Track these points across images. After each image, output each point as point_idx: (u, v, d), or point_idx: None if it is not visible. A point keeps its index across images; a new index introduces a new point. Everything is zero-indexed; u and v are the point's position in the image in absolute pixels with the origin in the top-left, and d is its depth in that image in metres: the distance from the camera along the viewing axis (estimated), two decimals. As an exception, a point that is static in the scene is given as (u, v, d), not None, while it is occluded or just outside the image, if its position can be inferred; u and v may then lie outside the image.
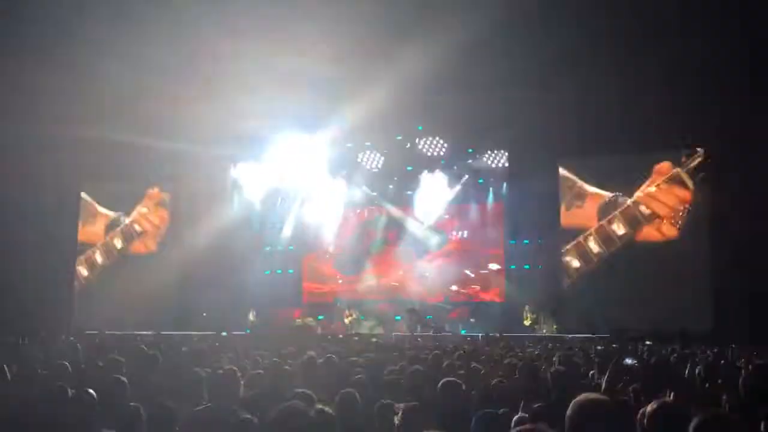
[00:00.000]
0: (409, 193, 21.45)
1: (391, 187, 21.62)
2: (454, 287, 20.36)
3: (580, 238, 18.62)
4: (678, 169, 17.91)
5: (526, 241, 19.57)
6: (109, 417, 4.06)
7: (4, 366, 5.77)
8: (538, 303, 18.49)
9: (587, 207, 18.70)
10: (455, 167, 20.85)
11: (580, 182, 18.78)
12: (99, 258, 22.77)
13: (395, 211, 21.66)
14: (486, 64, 15.95)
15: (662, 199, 18.05)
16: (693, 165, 17.81)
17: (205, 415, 4.31)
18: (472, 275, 20.40)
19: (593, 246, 18.50)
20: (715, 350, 10.18)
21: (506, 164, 20.07)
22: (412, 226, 21.29)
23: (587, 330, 16.36)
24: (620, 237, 18.29)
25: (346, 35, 15.45)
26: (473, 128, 19.00)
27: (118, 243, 22.80)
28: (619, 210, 18.32)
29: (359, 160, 21.44)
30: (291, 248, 22.25)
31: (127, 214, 22.84)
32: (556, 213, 18.91)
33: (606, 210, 18.48)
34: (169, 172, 21.55)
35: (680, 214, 17.89)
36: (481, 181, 20.85)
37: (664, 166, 18.04)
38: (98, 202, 22.97)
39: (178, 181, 21.95)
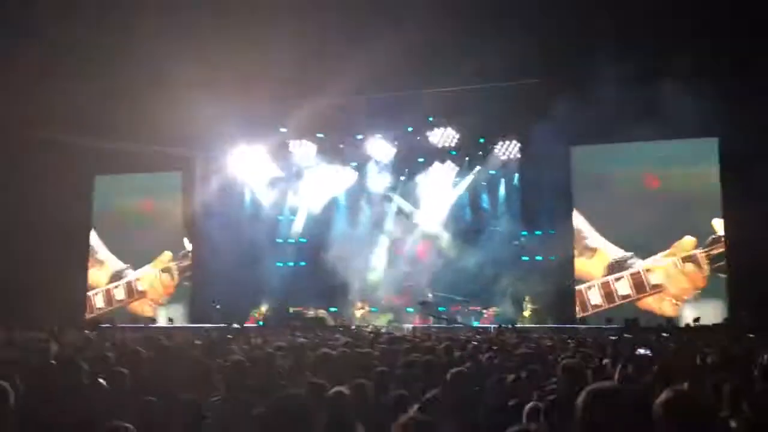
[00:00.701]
0: (420, 184, 21.44)
1: (402, 178, 21.61)
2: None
3: (583, 287, 18.61)
4: (698, 251, 17.77)
5: (538, 232, 19.48)
6: (125, 409, 4.08)
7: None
8: (548, 294, 18.40)
9: (596, 261, 18.70)
10: (467, 158, 20.81)
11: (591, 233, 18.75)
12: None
13: (405, 203, 21.66)
14: (494, 53, 15.83)
15: (674, 275, 17.94)
16: (714, 252, 17.67)
17: (220, 407, 4.34)
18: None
19: (593, 297, 18.45)
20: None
21: (518, 155, 19.98)
22: (422, 217, 21.29)
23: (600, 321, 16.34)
24: (622, 297, 18.25)
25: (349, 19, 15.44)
26: (485, 118, 18.85)
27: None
28: (629, 272, 18.27)
29: (369, 151, 21.41)
30: (303, 240, 22.31)
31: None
32: (570, 203, 18.81)
33: (616, 267, 18.48)
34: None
35: (685, 296, 17.81)
36: (492, 171, 20.80)
37: (687, 242, 17.92)
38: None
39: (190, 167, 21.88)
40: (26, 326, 13.10)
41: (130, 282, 22.23)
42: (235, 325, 15.88)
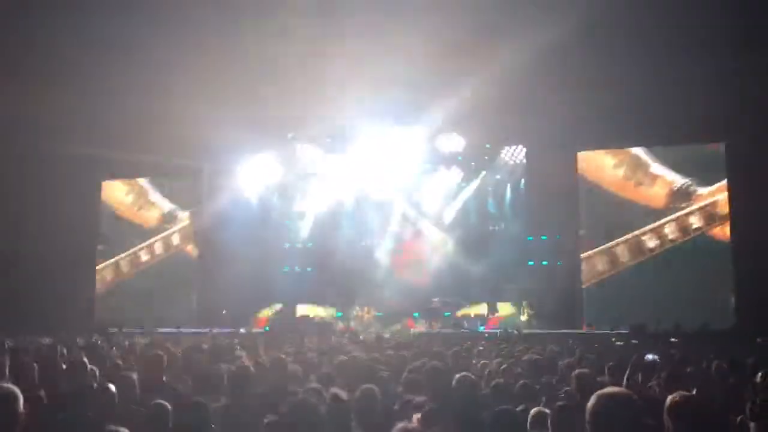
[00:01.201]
0: (426, 189, 21.47)
1: (408, 183, 21.63)
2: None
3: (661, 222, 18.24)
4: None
5: (544, 237, 19.44)
6: (133, 413, 4.09)
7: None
8: (554, 299, 18.34)
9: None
10: (473, 163, 20.82)
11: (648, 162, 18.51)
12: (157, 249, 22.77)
13: (409, 210, 21.69)
14: (503, 58, 15.85)
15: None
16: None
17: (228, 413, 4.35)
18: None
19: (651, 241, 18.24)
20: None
21: (524, 159, 19.97)
22: (428, 222, 21.32)
23: (608, 327, 16.25)
24: (694, 230, 18.06)
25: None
26: (491, 124, 18.84)
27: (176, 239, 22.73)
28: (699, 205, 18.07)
29: (376, 156, 21.40)
30: (309, 245, 22.35)
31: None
32: (575, 208, 18.78)
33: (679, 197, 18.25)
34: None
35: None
36: (498, 176, 20.80)
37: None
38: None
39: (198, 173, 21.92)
40: (35, 332, 13.13)
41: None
42: (242, 330, 15.90)
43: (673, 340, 13.07)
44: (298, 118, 19.81)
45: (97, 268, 22.61)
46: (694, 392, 4.28)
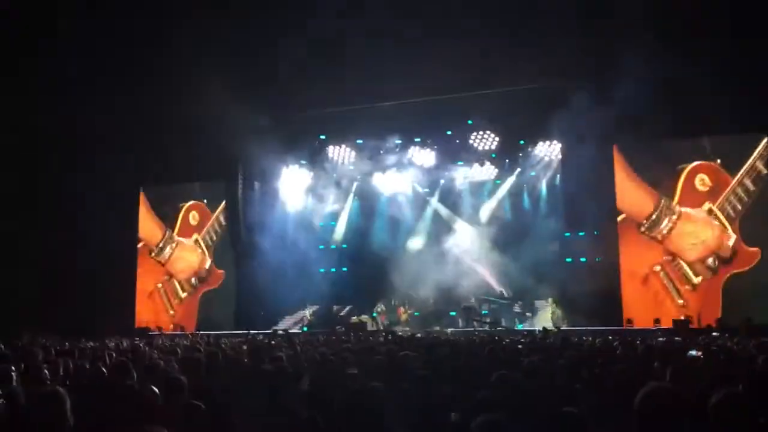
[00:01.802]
0: (461, 188, 21.40)
1: (442, 182, 21.58)
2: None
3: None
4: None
5: (581, 233, 19.18)
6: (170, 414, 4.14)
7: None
8: (593, 296, 18.06)
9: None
10: (507, 160, 20.67)
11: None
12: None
13: (443, 209, 21.64)
14: (534, 55, 15.73)
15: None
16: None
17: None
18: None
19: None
20: None
21: (559, 155, 19.72)
22: (463, 221, 21.25)
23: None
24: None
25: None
26: (524, 120, 18.65)
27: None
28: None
29: (410, 156, 21.40)
30: (344, 246, 22.47)
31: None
32: (613, 203, 18.47)
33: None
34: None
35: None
36: (533, 173, 20.61)
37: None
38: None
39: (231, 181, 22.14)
40: (83, 336, 13.45)
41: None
42: (280, 330, 16.07)
43: (714, 334, 12.81)
44: (330, 118, 19.88)
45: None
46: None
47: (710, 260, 17.42)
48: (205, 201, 22.36)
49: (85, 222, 20.17)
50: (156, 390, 4.50)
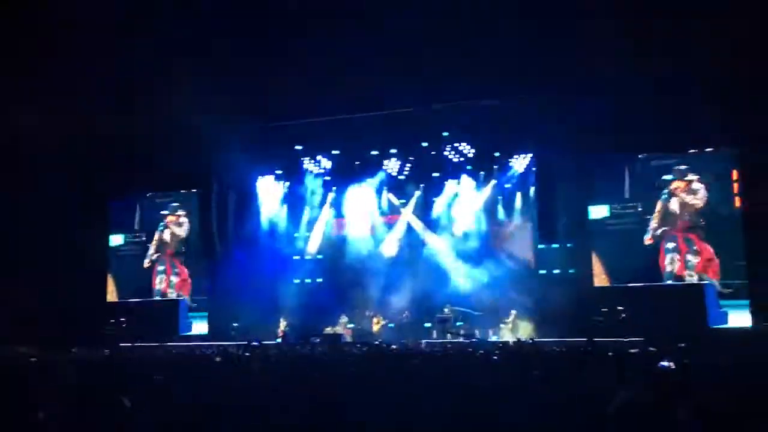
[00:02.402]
0: (435, 200, 21.48)
1: (417, 193, 21.65)
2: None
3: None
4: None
5: (555, 245, 19.35)
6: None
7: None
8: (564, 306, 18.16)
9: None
10: (482, 172, 20.80)
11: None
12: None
13: (417, 221, 21.69)
14: (512, 66, 15.90)
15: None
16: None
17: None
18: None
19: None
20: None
21: (533, 168, 19.90)
22: (437, 233, 21.34)
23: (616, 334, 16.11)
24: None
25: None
26: (499, 132, 18.82)
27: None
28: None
29: (385, 167, 21.47)
30: (319, 257, 22.41)
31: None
32: (586, 216, 18.67)
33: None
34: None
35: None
36: (508, 185, 20.76)
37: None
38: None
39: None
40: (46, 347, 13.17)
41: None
42: (254, 343, 15.90)
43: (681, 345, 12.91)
44: (306, 128, 19.84)
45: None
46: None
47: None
48: (178, 212, 22.12)
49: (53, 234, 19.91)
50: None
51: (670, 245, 17.87)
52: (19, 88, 17.33)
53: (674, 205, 17.92)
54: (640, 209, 18.27)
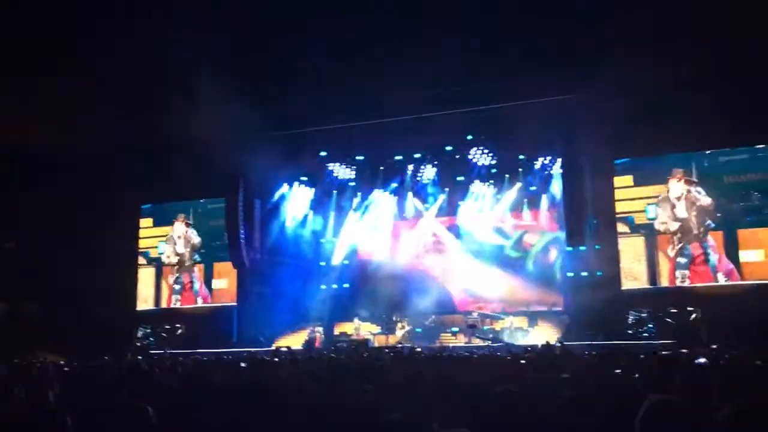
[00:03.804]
0: (460, 203, 21.41)
1: (442, 197, 21.60)
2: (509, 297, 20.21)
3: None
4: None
5: (582, 248, 19.15)
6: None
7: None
8: (593, 309, 17.93)
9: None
10: (507, 175, 20.67)
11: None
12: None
13: (441, 226, 21.60)
14: (533, 69, 15.79)
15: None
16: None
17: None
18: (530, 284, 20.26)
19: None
20: None
21: (559, 170, 19.72)
22: (462, 237, 21.26)
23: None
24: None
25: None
26: (524, 134, 18.66)
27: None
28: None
29: (410, 172, 21.47)
30: (345, 263, 22.46)
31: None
32: (613, 217, 18.44)
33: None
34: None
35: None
36: (533, 187, 20.61)
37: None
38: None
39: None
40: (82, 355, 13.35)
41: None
42: (283, 348, 15.97)
43: (714, 346, 12.68)
44: (330, 134, 19.89)
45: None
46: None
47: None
48: (186, 221, 22.38)
49: (86, 240, 20.18)
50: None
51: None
52: (50, 97, 17.61)
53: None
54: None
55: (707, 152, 17.75)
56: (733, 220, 17.27)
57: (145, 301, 22.45)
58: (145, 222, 22.98)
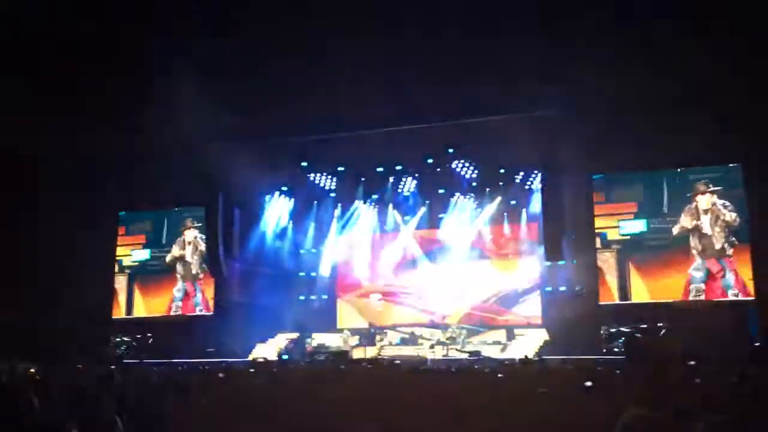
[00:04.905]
0: (441, 216, 21.45)
1: (422, 209, 21.64)
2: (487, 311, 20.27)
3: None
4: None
5: (561, 262, 19.25)
6: None
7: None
8: (571, 324, 17.99)
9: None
10: (488, 188, 20.77)
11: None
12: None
13: (414, 244, 21.61)
14: (516, 83, 15.91)
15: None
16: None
17: None
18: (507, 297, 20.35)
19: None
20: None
21: (539, 184, 19.84)
22: (441, 250, 21.31)
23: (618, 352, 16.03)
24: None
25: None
26: (505, 148, 18.77)
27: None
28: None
29: (390, 184, 21.49)
30: (324, 275, 22.42)
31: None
32: (592, 232, 18.56)
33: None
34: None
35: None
36: (513, 201, 20.73)
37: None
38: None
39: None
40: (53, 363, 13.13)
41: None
42: (260, 359, 15.89)
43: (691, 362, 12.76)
44: (312, 144, 19.85)
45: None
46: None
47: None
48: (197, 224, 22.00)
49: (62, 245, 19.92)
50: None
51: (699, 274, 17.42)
52: (37, 104, 17.42)
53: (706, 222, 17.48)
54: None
55: (678, 170, 17.90)
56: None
57: (119, 309, 22.05)
58: (120, 229, 22.59)
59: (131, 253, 22.32)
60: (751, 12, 14.17)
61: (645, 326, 16.82)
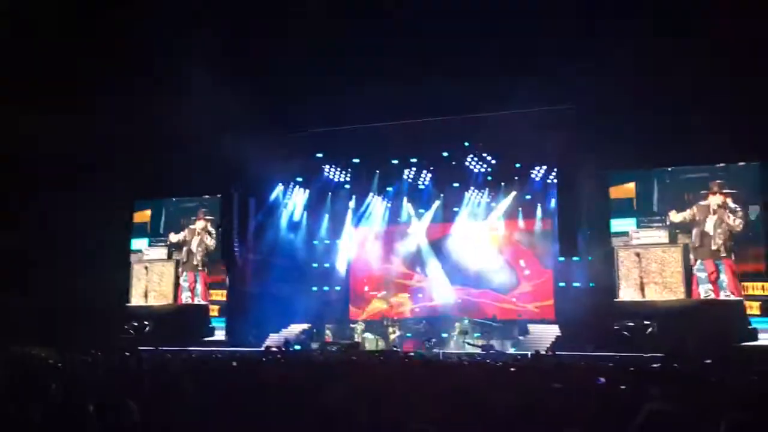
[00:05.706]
0: (455, 210, 21.39)
1: (437, 203, 21.59)
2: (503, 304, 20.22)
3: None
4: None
5: (576, 258, 19.14)
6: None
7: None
8: (585, 320, 17.87)
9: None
10: (503, 183, 20.67)
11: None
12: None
13: (435, 231, 21.59)
14: (532, 79, 15.81)
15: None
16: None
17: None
18: (522, 292, 20.28)
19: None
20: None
21: (554, 180, 19.72)
22: (455, 243, 21.25)
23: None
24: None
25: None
26: (521, 143, 18.64)
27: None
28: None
29: (405, 176, 21.44)
30: (337, 267, 22.46)
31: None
32: (607, 228, 18.40)
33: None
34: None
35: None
36: (528, 196, 20.61)
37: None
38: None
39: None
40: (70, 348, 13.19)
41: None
42: (273, 348, 15.92)
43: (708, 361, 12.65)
44: (327, 136, 19.84)
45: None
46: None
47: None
48: (208, 217, 22.00)
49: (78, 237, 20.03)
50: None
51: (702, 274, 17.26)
52: (49, 92, 17.53)
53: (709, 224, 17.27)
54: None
55: (669, 168, 17.72)
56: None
57: (136, 297, 22.14)
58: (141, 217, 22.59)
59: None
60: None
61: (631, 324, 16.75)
